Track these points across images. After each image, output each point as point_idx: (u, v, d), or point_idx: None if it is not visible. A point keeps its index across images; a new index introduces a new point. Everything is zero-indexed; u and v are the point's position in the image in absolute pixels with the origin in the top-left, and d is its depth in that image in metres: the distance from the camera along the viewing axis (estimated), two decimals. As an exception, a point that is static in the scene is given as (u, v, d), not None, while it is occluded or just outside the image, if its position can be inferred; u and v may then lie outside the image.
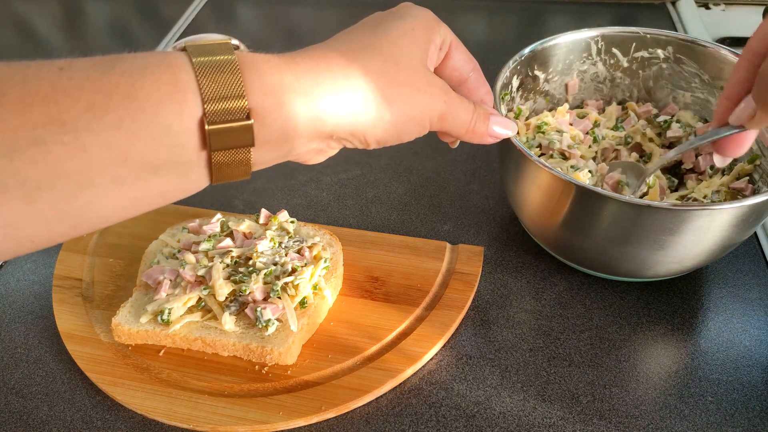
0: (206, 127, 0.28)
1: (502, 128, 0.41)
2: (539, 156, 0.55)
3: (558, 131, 0.55)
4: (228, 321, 0.47)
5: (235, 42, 0.32)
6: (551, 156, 0.54)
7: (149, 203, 0.30)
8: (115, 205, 0.29)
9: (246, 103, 0.29)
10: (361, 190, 0.64)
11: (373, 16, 0.37)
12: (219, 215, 0.55)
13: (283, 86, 0.31)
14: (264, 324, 0.46)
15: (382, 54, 0.34)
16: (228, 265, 0.49)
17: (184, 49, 0.30)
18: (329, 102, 0.32)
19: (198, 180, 0.31)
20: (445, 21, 0.39)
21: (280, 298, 0.47)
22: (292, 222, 0.54)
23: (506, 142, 0.48)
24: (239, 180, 0.32)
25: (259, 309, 0.46)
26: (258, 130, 0.30)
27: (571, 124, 0.57)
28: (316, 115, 0.32)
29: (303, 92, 0.31)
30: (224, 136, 0.29)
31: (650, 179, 0.51)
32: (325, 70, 0.32)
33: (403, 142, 0.36)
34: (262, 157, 0.32)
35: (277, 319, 0.47)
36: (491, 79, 0.52)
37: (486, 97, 0.43)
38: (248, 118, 0.29)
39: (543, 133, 0.56)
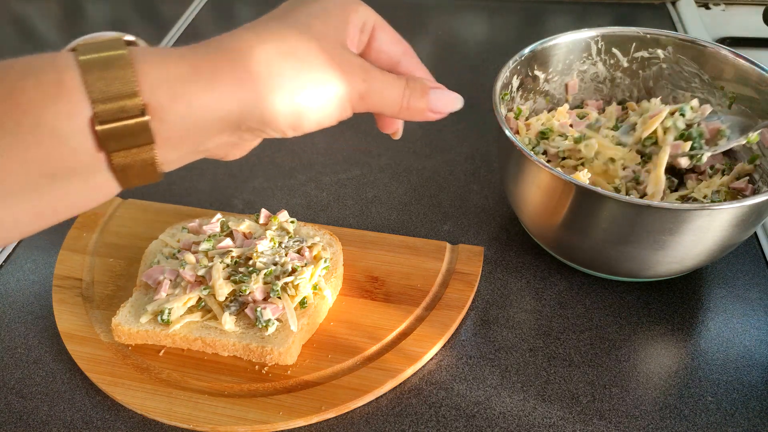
0: (96, 127, 0.27)
1: (444, 102, 0.36)
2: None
3: (561, 135, 0.55)
4: (228, 321, 0.47)
5: (130, 38, 0.30)
6: (561, 158, 0.53)
7: (55, 215, 0.28)
8: (16, 219, 0.27)
9: (139, 99, 0.27)
10: (361, 190, 0.64)
11: (287, 2, 0.35)
12: (219, 215, 0.55)
13: (179, 78, 0.28)
14: (264, 324, 0.46)
15: (292, 36, 0.32)
16: (228, 265, 0.49)
17: (74, 50, 0.28)
18: (231, 90, 0.30)
19: (104, 185, 0.29)
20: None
21: (280, 298, 0.47)
22: (292, 222, 0.54)
23: (506, 142, 0.48)
24: (151, 182, 0.30)
25: (259, 309, 0.46)
26: (156, 127, 0.28)
27: (571, 125, 0.57)
28: (217, 106, 0.30)
29: (201, 82, 0.29)
30: (119, 135, 0.27)
31: (752, 135, 0.49)
32: (224, 57, 0.30)
33: (325, 127, 0.34)
34: (168, 156, 0.30)
35: (277, 319, 0.47)
36: (491, 79, 0.52)
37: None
38: (143, 114, 0.27)
39: (547, 139, 0.55)
